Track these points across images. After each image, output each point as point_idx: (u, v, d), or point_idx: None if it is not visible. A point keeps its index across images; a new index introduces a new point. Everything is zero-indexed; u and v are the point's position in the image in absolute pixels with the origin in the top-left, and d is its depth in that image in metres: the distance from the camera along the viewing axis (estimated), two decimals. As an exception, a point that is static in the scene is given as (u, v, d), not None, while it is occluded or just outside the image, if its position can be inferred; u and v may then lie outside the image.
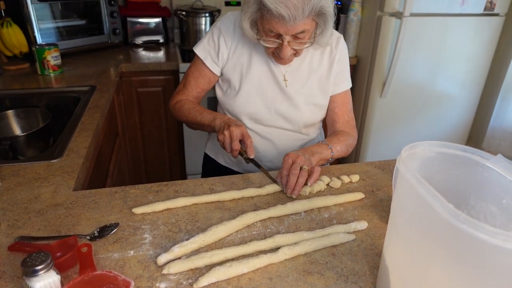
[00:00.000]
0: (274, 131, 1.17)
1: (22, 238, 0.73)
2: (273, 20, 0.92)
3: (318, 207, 0.87)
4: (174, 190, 0.91)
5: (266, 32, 0.97)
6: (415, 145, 0.55)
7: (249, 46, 1.12)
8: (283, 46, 0.97)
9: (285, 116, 1.14)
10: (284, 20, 0.90)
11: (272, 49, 1.02)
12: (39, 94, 1.55)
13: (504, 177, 0.51)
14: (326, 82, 1.15)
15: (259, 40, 1.01)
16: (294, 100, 1.13)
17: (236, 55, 1.13)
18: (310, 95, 1.14)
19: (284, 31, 0.94)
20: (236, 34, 1.12)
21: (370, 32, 2.23)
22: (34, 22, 1.89)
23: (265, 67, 1.13)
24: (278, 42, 0.98)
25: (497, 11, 2.21)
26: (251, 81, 1.12)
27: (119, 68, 1.94)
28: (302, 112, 1.14)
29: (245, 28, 1.01)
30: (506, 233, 0.37)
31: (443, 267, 0.45)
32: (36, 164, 0.99)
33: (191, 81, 1.20)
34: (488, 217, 0.54)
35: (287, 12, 0.88)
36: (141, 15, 2.38)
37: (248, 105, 1.13)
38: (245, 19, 0.99)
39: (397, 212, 0.54)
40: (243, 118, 1.15)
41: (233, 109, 1.15)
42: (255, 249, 0.72)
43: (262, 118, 1.14)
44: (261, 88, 1.13)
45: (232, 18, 1.13)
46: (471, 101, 2.46)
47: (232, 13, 1.15)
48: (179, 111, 1.17)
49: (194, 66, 1.19)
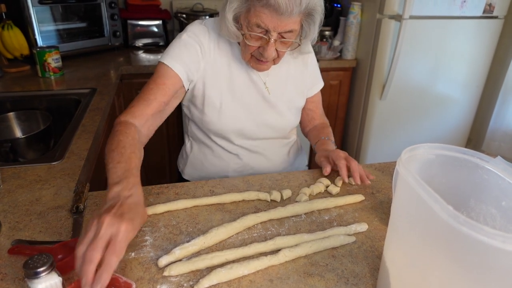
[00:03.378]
0: (262, 143, 1.15)
1: (19, 242, 0.73)
2: (263, 13, 0.86)
3: (318, 209, 0.87)
4: (175, 192, 0.92)
5: (251, 27, 0.90)
6: (415, 148, 0.55)
7: (226, 56, 1.04)
8: (269, 44, 0.91)
9: (272, 125, 1.13)
10: (277, 11, 0.85)
11: (254, 48, 0.95)
12: (40, 97, 1.55)
13: (503, 179, 0.51)
14: (302, 85, 1.16)
15: (244, 35, 0.92)
16: (277, 108, 1.11)
17: (214, 67, 1.03)
18: (291, 100, 1.14)
19: (274, 26, 0.88)
20: (212, 43, 1.02)
21: (369, 35, 2.23)
22: (35, 24, 1.90)
23: (246, 77, 1.06)
24: (264, 38, 0.91)
25: (496, 14, 2.22)
26: (235, 95, 1.05)
27: (119, 71, 1.94)
28: (287, 118, 1.14)
29: (228, 21, 0.91)
30: (505, 235, 0.37)
31: (443, 269, 0.46)
32: (37, 166, 0.99)
33: (152, 90, 0.96)
34: (488, 219, 0.54)
35: (285, 2, 0.83)
36: (141, 17, 2.39)
37: (235, 122, 1.07)
38: (230, 11, 0.90)
39: (397, 214, 0.55)
40: (230, 136, 1.10)
41: (217, 128, 1.07)
42: (256, 251, 0.72)
43: (250, 132, 1.11)
44: (245, 101, 1.07)
45: (203, 27, 1.03)
46: (471, 103, 2.47)
47: (200, 21, 1.05)
48: (111, 137, 0.86)
49: (156, 74, 0.99)
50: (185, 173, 1.25)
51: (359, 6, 2.26)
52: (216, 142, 1.14)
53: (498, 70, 2.43)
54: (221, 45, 1.03)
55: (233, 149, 1.14)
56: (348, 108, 2.55)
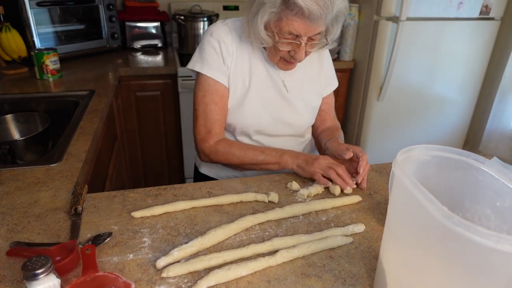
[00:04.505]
0: (279, 140, 1.17)
1: (17, 244, 0.73)
2: (295, 21, 0.90)
3: (315, 210, 0.87)
4: (173, 194, 0.92)
5: (283, 34, 0.94)
6: (411, 149, 0.56)
7: (248, 54, 1.08)
8: (300, 48, 0.96)
9: (289, 123, 1.15)
10: (309, 18, 0.88)
11: (285, 52, 0.99)
12: (38, 99, 1.56)
13: (497, 180, 0.51)
14: (318, 84, 1.18)
15: (277, 43, 0.96)
16: (295, 106, 1.14)
17: (237, 66, 1.07)
18: (308, 99, 1.16)
19: (305, 32, 0.92)
20: (234, 43, 1.06)
21: (367, 36, 2.24)
22: (33, 26, 1.90)
23: (265, 74, 1.10)
24: (295, 43, 0.96)
25: (493, 15, 2.23)
26: (255, 92, 1.09)
27: (117, 72, 1.95)
28: (304, 116, 1.16)
29: (260, 31, 0.95)
30: (498, 235, 0.37)
31: (439, 269, 0.46)
32: (35, 168, 0.99)
33: (216, 109, 1.07)
34: (483, 220, 0.55)
35: (318, 10, 0.86)
36: (139, 19, 2.39)
37: (254, 118, 1.10)
38: (262, 21, 0.93)
39: (393, 215, 0.55)
40: (248, 131, 1.13)
41: (237, 123, 1.11)
42: (254, 252, 0.72)
43: (267, 128, 1.13)
44: (265, 97, 1.11)
45: (225, 27, 1.07)
46: (468, 104, 2.48)
47: (223, 21, 1.09)
48: (226, 154, 1.06)
49: (209, 92, 1.06)
50: (203, 168, 1.26)
51: (356, 8, 2.27)
52: (235, 136, 1.16)
53: (495, 72, 2.44)
54: (242, 44, 1.07)
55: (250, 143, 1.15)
56: (346, 109, 2.56)
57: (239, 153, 1.05)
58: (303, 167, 0.98)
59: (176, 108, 2.20)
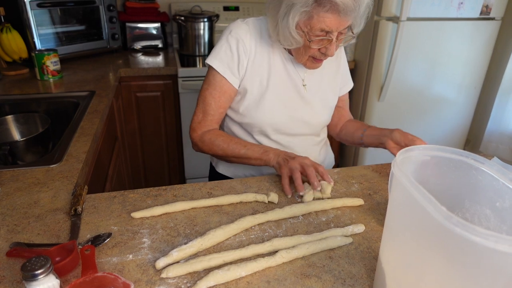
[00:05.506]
0: (296, 138, 1.17)
1: (17, 244, 0.73)
2: (327, 17, 0.90)
3: (315, 211, 0.87)
4: (173, 195, 0.92)
5: (314, 32, 0.94)
6: (410, 149, 0.56)
7: (267, 53, 1.08)
8: (332, 43, 0.96)
9: (307, 121, 1.16)
10: (342, 13, 0.89)
11: (315, 50, 0.99)
12: (39, 99, 1.56)
13: (497, 180, 0.51)
14: (334, 83, 1.20)
15: (310, 42, 0.95)
16: (313, 105, 1.15)
17: (255, 65, 1.08)
18: (325, 98, 1.18)
19: (337, 27, 0.92)
20: (252, 42, 1.07)
21: (367, 36, 2.24)
22: (33, 27, 1.90)
23: (284, 74, 1.11)
24: (327, 39, 0.95)
25: (493, 15, 2.23)
26: (273, 91, 1.09)
27: (118, 73, 1.95)
28: (321, 115, 1.18)
29: (292, 31, 0.94)
30: (497, 235, 0.37)
31: (438, 269, 0.46)
32: (35, 169, 0.99)
33: (212, 103, 1.09)
34: (482, 220, 0.55)
35: (352, 3, 0.87)
36: (140, 20, 2.39)
37: (272, 116, 1.11)
38: (293, 22, 0.93)
39: (392, 215, 0.55)
40: (266, 130, 1.13)
41: (255, 122, 1.11)
42: (253, 253, 0.72)
43: (285, 127, 1.14)
44: (283, 96, 1.11)
45: (245, 25, 1.07)
46: (469, 104, 2.48)
47: (243, 20, 1.09)
48: (211, 144, 1.08)
49: (211, 85, 1.09)
50: (220, 167, 1.26)
51: (356, 8, 2.27)
52: (253, 136, 1.16)
53: (496, 72, 2.44)
54: (262, 43, 1.08)
55: (269, 143, 1.15)
56: (346, 110, 2.56)
57: (222, 145, 1.06)
58: (280, 164, 0.98)
59: (176, 109, 2.20)
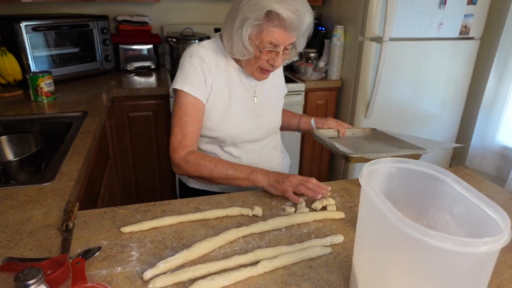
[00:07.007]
0: (258, 144, 1.27)
1: (10, 259, 0.76)
2: (275, 32, 1.03)
3: (298, 223, 0.91)
4: (162, 210, 0.96)
5: (264, 44, 1.06)
6: (376, 162, 0.61)
7: (224, 70, 1.18)
8: (279, 56, 1.09)
9: (265, 127, 1.26)
10: (287, 29, 1.02)
11: (264, 61, 1.10)
12: (32, 120, 1.60)
13: (454, 189, 0.56)
14: (279, 88, 1.33)
15: (261, 52, 1.07)
16: (267, 110, 1.26)
17: (217, 81, 1.16)
18: (274, 103, 1.30)
19: (283, 41, 1.05)
20: (212, 61, 1.15)
21: (353, 56, 2.33)
22: (28, 50, 1.96)
23: (240, 86, 1.20)
24: (275, 52, 1.08)
25: (472, 35, 2.33)
26: (235, 103, 1.19)
27: (111, 94, 2.00)
28: (274, 119, 1.30)
29: (245, 42, 1.05)
30: (443, 235, 0.42)
31: (400, 270, 0.50)
32: (28, 187, 1.03)
33: (189, 120, 1.12)
34: (444, 226, 0.59)
35: (296, 20, 1.01)
36: (133, 42, 2.46)
37: (239, 127, 1.19)
38: (246, 34, 1.04)
39: (361, 223, 0.60)
40: (235, 140, 1.21)
41: (224, 135, 1.18)
42: (237, 263, 0.76)
43: (249, 136, 1.23)
44: (244, 107, 1.21)
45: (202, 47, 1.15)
46: (453, 120, 2.55)
47: (198, 44, 1.18)
48: (197, 165, 1.08)
49: (184, 106, 1.12)
50: (191, 182, 1.30)
51: (342, 29, 2.36)
52: (222, 148, 1.23)
53: (477, 89, 2.52)
54: (218, 61, 1.17)
55: (237, 153, 1.24)
56: (335, 127, 2.62)
57: (209, 166, 1.07)
58: (274, 186, 1.02)
59: (168, 128, 2.25)
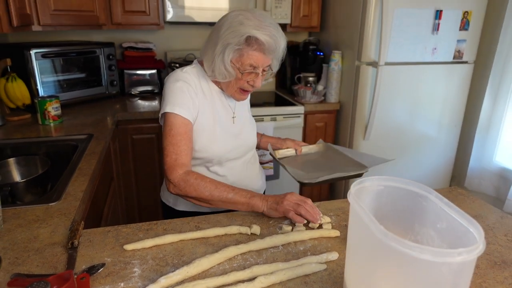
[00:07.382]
0: (239, 161, 1.33)
1: (18, 275, 0.79)
2: (255, 55, 1.11)
3: (294, 241, 0.94)
4: (163, 228, 0.99)
5: (244, 67, 1.13)
6: (363, 181, 0.65)
7: (208, 92, 1.23)
8: (258, 77, 1.17)
9: (246, 144, 1.33)
10: (265, 53, 1.11)
11: (244, 82, 1.17)
12: (39, 143, 1.65)
13: (436, 205, 0.60)
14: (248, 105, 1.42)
15: (242, 73, 1.14)
16: (245, 129, 1.33)
17: (202, 104, 1.21)
18: (251, 120, 1.39)
19: (262, 63, 1.13)
20: (196, 84, 1.21)
21: (350, 80, 2.40)
22: (37, 76, 2.04)
23: (222, 107, 1.27)
24: (255, 73, 1.15)
25: (466, 59, 2.41)
26: (219, 124, 1.24)
27: (115, 117, 2.06)
28: (251, 137, 1.37)
29: (228, 65, 1.12)
30: (421, 247, 0.46)
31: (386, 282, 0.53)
32: (36, 207, 1.07)
33: (182, 140, 1.13)
34: (429, 241, 0.62)
35: (273, 44, 1.09)
36: (137, 67, 2.55)
37: (224, 148, 1.25)
38: (228, 58, 1.11)
39: (351, 238, 0.63)
40: (221, 160, 1.26)
41: (212, 155, 1.23)
42: (234, 279, 0.79)
43: (233, 154, 1.29)
44: (227, 128, 1.27)
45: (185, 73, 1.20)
46: (451, 142, 2.59)
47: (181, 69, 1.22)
48: (197, 186, 1.07)
49: (175, 126, 1.13)
50: (179, 204, 1.32)
51: (339, 54, 2.44)
52: (209, 168, 1.27)
53: (473, 111, 2.58)
54: (201, 85, 1.24)
55: (222, 171, 1.29)
56: (334, 148, 2.66)
57: (210, 187, 1.07)
58: (274, 208, 1.03)
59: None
